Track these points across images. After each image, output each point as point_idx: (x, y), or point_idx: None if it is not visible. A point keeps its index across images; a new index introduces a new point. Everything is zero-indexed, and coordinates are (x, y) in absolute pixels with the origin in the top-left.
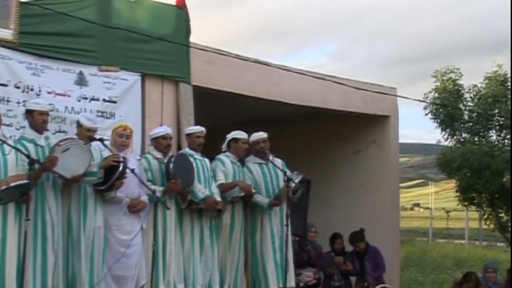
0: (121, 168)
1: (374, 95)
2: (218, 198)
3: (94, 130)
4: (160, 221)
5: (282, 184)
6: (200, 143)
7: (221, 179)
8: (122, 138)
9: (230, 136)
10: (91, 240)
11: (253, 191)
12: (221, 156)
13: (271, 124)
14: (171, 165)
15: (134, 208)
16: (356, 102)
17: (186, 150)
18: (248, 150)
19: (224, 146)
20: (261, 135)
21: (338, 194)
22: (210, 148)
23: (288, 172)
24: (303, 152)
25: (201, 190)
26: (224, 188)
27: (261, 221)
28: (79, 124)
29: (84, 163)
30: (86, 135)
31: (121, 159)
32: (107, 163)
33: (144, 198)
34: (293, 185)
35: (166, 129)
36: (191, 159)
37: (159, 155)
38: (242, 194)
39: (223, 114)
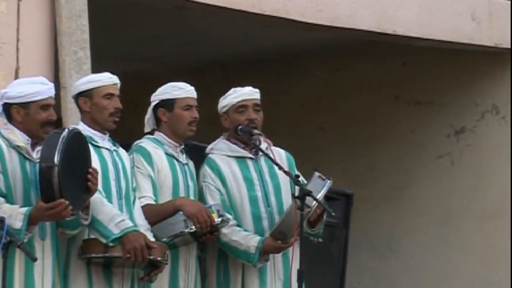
0: None
1: (496, 5)
2: (149, 237)
3: None
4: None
5: (288, 204)
6: (103, 106)
7: (147, 195)
8: None
9: (157, 96)
10: None
11: (217, 221)
12: (143, 142)
13: (265, 68)
14: (57, 158)
15: None
16: (454, 21)
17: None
18: (206, 124)
19: (147, 120)
20: (247, 93)
21: (415, 227)
22: (130, 124)
23: (302, 178)
24: (334, 132)
25: (113, 218)
26: (154, 215)
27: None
28: None
29: None
30: None
31: None
32: None
33: None
34: (312, 204)
35: (48, 87)
36: (94, 151)
37: (21, 141)
38: (193, 229)
39: (162, 46)
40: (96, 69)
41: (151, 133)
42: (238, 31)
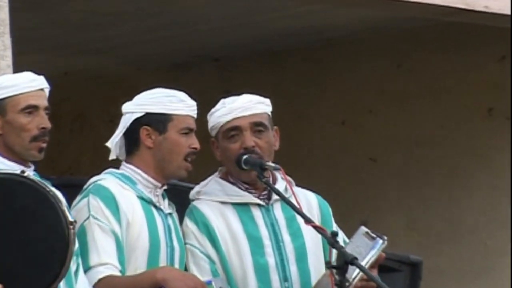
0: None
1: None
2: None
3: None
4: None
5: (319, 276)
6: (21, 126)
7: (109, 261)
8: None
9: (140, 105)
10: None
11: None
12: (105, 180)
13: (281, 63)
14: None
15: None
16: None
17: None
18: (198, 155)
19: (116, 143)
20: (240, 108)
21: None
22: (72, 150)
23: (341, 235)
24: (392, 163)
25: None
26: None
27: None
28: None
29: None
30: None
31: None
32: None
33: None
34: (352, 277)
35: None
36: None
37: None
38: None
39: (124, 32)
40: (20, 65)
41: (116, 165)
42: (239, 10)
